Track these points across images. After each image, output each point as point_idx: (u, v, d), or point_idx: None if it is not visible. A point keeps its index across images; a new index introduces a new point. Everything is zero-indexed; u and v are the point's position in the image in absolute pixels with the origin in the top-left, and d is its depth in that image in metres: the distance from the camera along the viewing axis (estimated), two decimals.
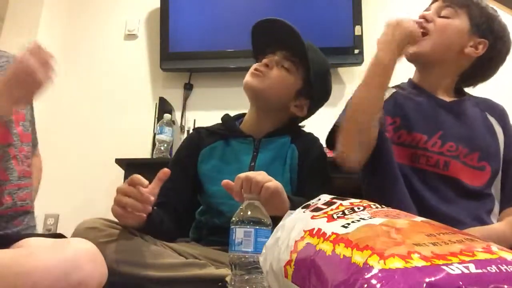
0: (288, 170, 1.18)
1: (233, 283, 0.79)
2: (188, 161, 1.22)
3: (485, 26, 1.18)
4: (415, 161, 1.13)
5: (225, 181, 0.94)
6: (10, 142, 1.08)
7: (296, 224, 0.59)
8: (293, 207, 0.92)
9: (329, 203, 0.62)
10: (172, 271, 0.93)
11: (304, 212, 0.62)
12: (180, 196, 1.17)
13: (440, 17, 1.18)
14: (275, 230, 0.64)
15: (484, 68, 1.22)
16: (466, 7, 1.18)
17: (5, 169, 1.05)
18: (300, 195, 1.09)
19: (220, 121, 1.31)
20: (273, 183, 0.91)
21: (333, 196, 0.65)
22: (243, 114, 1.32)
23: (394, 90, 1.24)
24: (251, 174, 0.90)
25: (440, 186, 1.12)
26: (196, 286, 0.93)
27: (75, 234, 0.92)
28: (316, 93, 1.24)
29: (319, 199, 0.65)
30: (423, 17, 1.19)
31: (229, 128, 1.26)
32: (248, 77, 1.22)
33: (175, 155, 1.31)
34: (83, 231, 0.92)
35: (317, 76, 1.22)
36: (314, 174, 1.18)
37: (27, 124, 1.17)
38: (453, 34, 1.18)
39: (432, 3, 1.25)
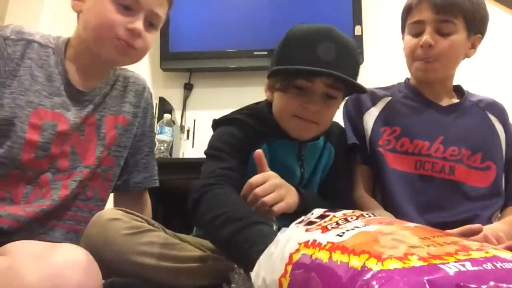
0: (320, 171, 1.11)
1: (236, 281, 0.79)
2: (244, 154, 1.03)
3: (478, 22, 1.16)
4: (420, 168, 1.13)
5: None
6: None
7: (291, 238, 0.58)
8: (303, 199, 0.94)
9: (322, 216, 0.62)
10: (192, 263, 0.93)
11: (297, 227, 0.62)
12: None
13: (441, 32, 1.13)
14: (268, 247, 0.62)
15: None
16: (460, 13, 1.12)
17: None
18: (329, 190, 1.10)
19: (248, 111, 1.09)
20: (284, 205, 0.89)
21: (325, 210, 0.65)
22: (269, 104, 1.11)
23: (389, 98, 1.24)
24: (258, 191, 0.87)
25: (448, 192, 1.12)
26: (213, 276, 0.93)
27: (94, 225, 0.90)
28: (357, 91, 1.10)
29: (312, 213, 0.65)
30: (428, 44, 1.12)
31: (271, 128, 1.06)
32: (298, 131, 1.04)
33: (231, 141, 1.04)
34: (105, 223, 0.89)
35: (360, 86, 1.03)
36: (344, 169, 1.16)
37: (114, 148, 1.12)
38: (459, 50, 1.16)
39: (416, 9, 1.16)
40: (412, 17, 1.18)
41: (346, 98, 1.27)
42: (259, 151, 0.93)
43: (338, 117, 1.28)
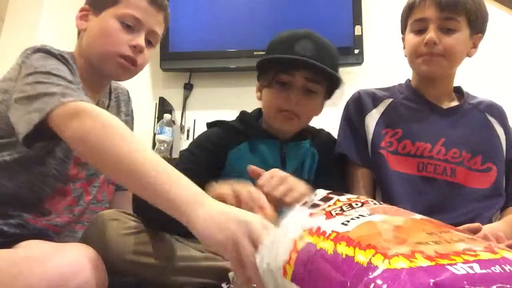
0: (306, 174, 1.13)
1: (236, 281, 0.79)
2: (216, 158, 1.10)
3: (480, 21, 1.17)
4: (423, 170, 1.14)
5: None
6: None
7: (294, 222, 0.58)
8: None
9: (325, 199, 0.61)
10: (190, 262, 0.94)
11: (302, 210, 0.61)
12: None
13: (444, 30, 1.13)
14: (274, 230, 0.62)
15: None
16: (464, 11, 1.13)
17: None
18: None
19: (238, 119, 1.18)
20: (296, 194, 0.88)
21: (329, 191, 0.65)
22: (259, 110, 1.20)
23: (391, 99, 1.24)
24: (266, 187, 0.86)
25: (449, 193, 1.13)
26: (211, 275, 0.94)
27: (92, 226, 0.91)
28: (337, 87, 1.15)
29: (316, 195, 0.64)
30: (432, 41, 1.12)
31: (252, 128, 1.14)
32: (281, 124, 1.10)
33: (203, 143, 1.13)
34: (104, 223, 0.89)
35: (338, 77, 1.10)
36: (331, 174, 1.16)
37: None
38: (462, 48, 1.16)
39: (419, 6, 1.15)
40: (415, 15, 1.18)
41: (347, 101, 1.28)
42: (251, 167, 0.93)
43: (337, 121, 1.29)
